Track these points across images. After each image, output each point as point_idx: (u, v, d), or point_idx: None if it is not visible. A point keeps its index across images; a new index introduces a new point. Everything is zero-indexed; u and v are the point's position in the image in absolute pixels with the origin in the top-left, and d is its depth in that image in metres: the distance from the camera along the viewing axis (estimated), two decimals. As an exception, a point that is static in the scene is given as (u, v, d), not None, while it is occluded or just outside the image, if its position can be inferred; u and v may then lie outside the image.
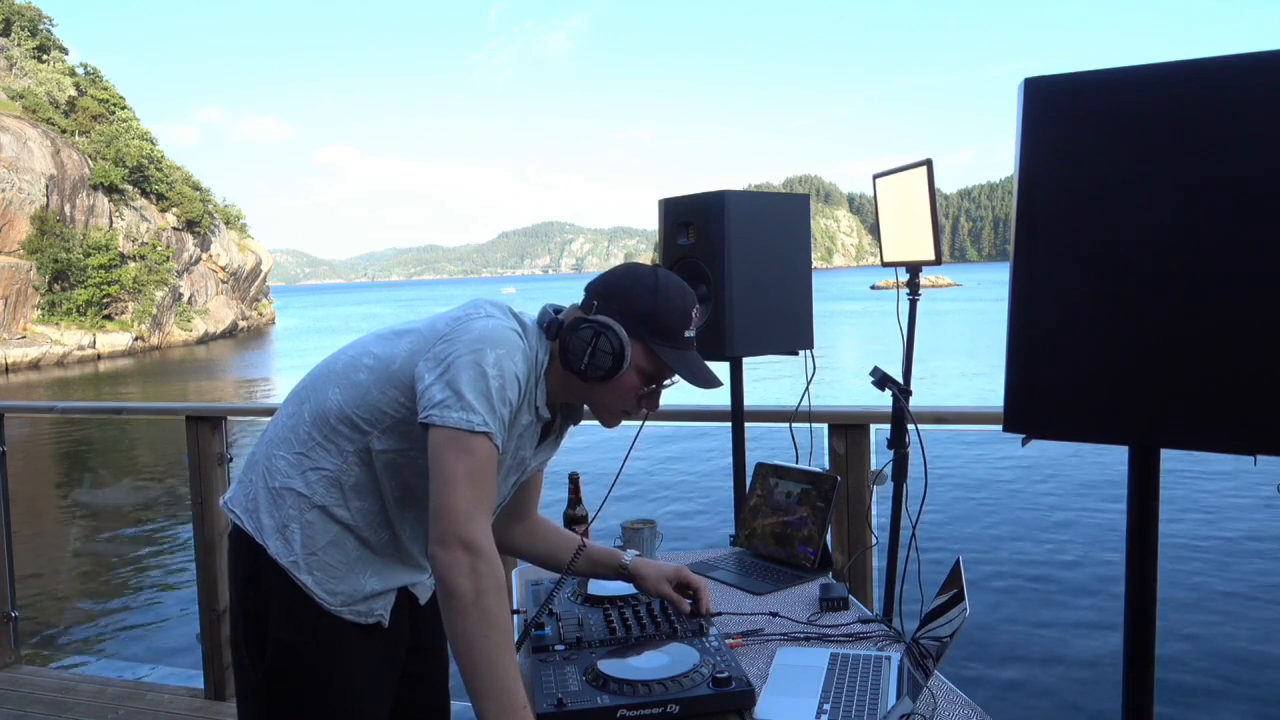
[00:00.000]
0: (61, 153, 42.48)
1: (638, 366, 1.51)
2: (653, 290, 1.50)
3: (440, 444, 1.37)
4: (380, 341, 1.52)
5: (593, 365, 1.47)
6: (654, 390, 1.56)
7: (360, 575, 1.52)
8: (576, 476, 2.26)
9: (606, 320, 1.47)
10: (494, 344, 1.40)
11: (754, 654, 1.72)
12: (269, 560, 1.48)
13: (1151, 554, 1.33)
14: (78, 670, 4.72)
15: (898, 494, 2.40)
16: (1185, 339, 1.19)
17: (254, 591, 1.51)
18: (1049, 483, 8.94)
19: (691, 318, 1.54)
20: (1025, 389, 1.31)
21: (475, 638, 1.34)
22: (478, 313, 1.47)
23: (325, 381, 1.52)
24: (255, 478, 1.53)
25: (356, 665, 1.53)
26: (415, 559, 1.60)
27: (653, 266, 1.57)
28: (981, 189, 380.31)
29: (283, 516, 1.49)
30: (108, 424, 14.30)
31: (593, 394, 1.54)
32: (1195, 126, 1.17)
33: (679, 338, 1.52)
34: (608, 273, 1.56)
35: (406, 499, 1.52)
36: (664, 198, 2.67)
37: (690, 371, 1.53)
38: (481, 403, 1.37)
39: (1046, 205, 1.28)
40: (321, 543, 1.49)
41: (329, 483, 1.49)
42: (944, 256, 2.30)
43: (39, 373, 36.69)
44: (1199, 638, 5.20)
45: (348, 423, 1.48)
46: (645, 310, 1.49)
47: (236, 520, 1.53)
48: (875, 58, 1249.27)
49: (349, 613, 1.51)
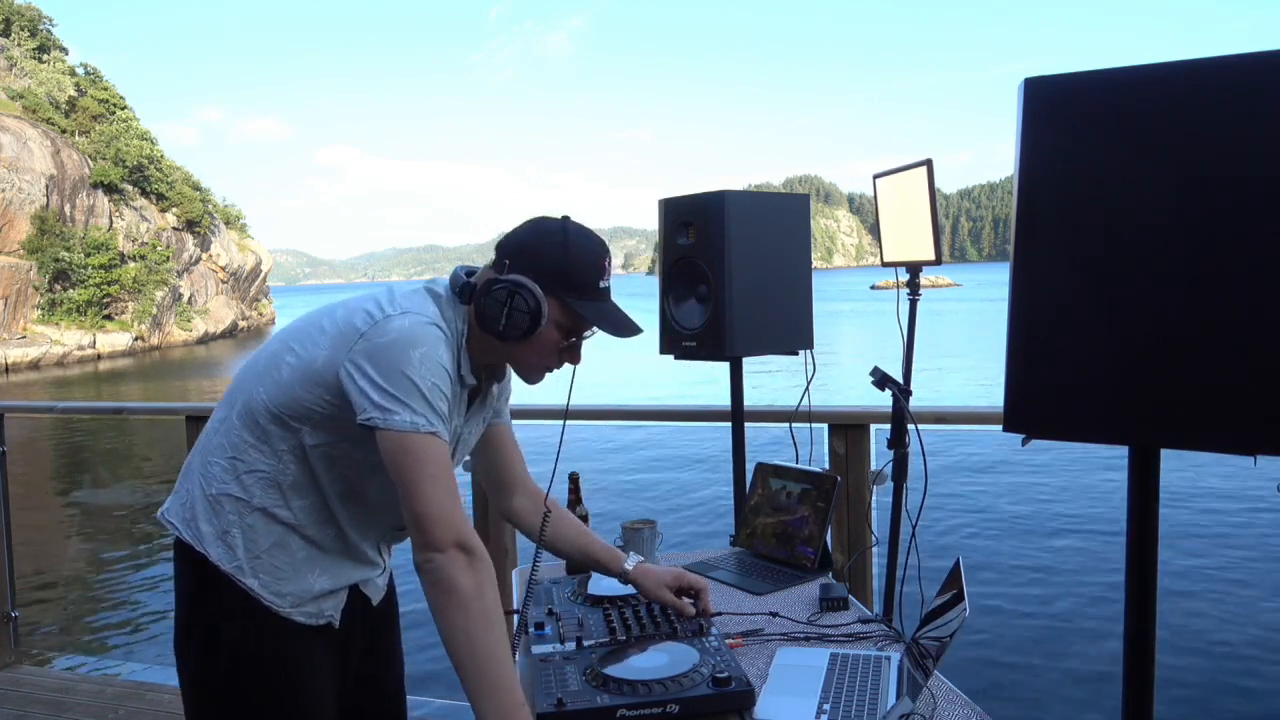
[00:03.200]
0: (61, 153, 42.48)
1: (555, 322, 1.49)
2: (562, 245, 1.48)
3: (393, 451, 1.37)
4: (299, 337, 1.49)
5: (510, 326, 1.45)
6: (574, 343, 1.55)
7: (308, 575, 1.51)
8: (576, 476, 2.26)
9: (519, 279, 1.45)
10: (416, 342, 1.38)
11: (754, 654, 1.72)
12: (212, 568, 1.47)
13: (1152, 554, 1.33)
14: (78, 670, 4.71)
15: (898, 494, 2.40)
16: (1185, 339, 1.19)
17: (201, 601, 1.50)
18: (1049, 483, 8.94)
19: (604, 268, 1.52)
20: (1025, 389, 1.31)
21: (476, 634, 1.34)
22: (394, 309, 1.44)
23: (250, 381, 1.50)
24: (191, 486, 1.51)
25: (309, 668, 1.52)
26: (364, 554, 1.59)
27: (561, 219, 1.53)
28: (981, 189, 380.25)
29: (222, 523, 1.47)
30: (107, 424, 14.29)
31: (513, 353, 1.53)
32: (1195, 126, 1.17)
33: (594, 289, 1.50)
34: (516, 229, 1.53)
35: (347, 492, 1.51)
36: (664, 198, 2.67)
37: (608, 322, 1.51)
38: (420, 403, 1.37)
39: (1046, 205, 1.28)
40: (265, 545, 1.47)
41: (266, 484, 1.47)
42: (944, 256, 2.31)
43: (39, 373, 36.69)
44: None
45: (277, 421, 1.46)
46: (557, 265, 1.47)
47: (175, 531, 1.51)
48: (875, 58, 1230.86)
49: (299, 614, 1.50)
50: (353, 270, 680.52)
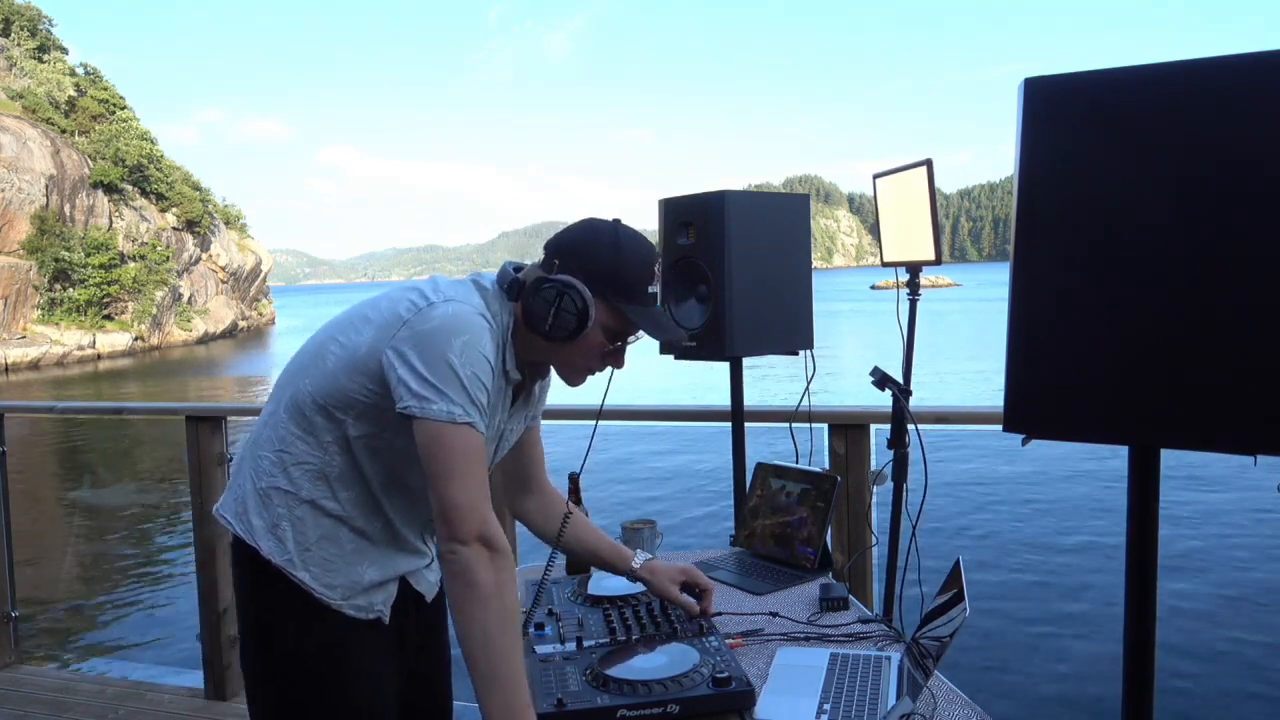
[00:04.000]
0: (61, 153, 42.48)
1: (602, 324, 1.48)
2: (614, 246, 1.47)
3: (427, 440, 1.36)
4: (344, 328, 1.49)
5: (556, 326, 1.44)
6: (619, 347, 1.54)
7: (358, 566, 1.51)
8: (576, 476, 2.26)
9: (569, 279, 1.44)
10: (459, 330, 1.38)
11: (754, 654, 1.72)
12: (264, 562, 1.47)
13: (1152, 555, 1.33)
14: (78, 670, 4.72)
15: (898, 494, 2.40)
16: (1185, 339, 1.18)
17: (255, 595, 1.51)
18: (1049, 482, 8.94)
19: (654, 273, 1.51)
20: (1025, 389, 1.31)
21: (493, 629, 1.34)
22: (438, 296, 1.43)
23: (296, 374, 1.51)
24: (243, 480, 1.53)
25: (363, 664, 1.52)
26: (410, 543, 1.59)
27: (613, 221, 1.53)
28: (981, 189, 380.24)
29: (272, 516, 1.48)
30: (108, 424, 14.30)
31: (557, 353, 1.52)
32: (1195, 126, 1.17)
33: (642, 294, 1.49)
34: (567, 229, 1.52)
35: (390, 482, 1.51)
36: (664, 198, 2.67)
37: (656, 327, 1.51)
38: (459, 393, 1.36)
39: (1046, 205, 1.28)
40: (314, 537, 1.48)
41: (314, 476, 1.48)
42: (944, 256, 2.30)
43: (39, 372, 36.68)
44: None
45: (322, 412, 1.46)
46: (607, 267, 1.46)
47: (229, 525, 1.53)
48: (876, 58, 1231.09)
49: (349, 608, 1.50)
50: (353, 270, 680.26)
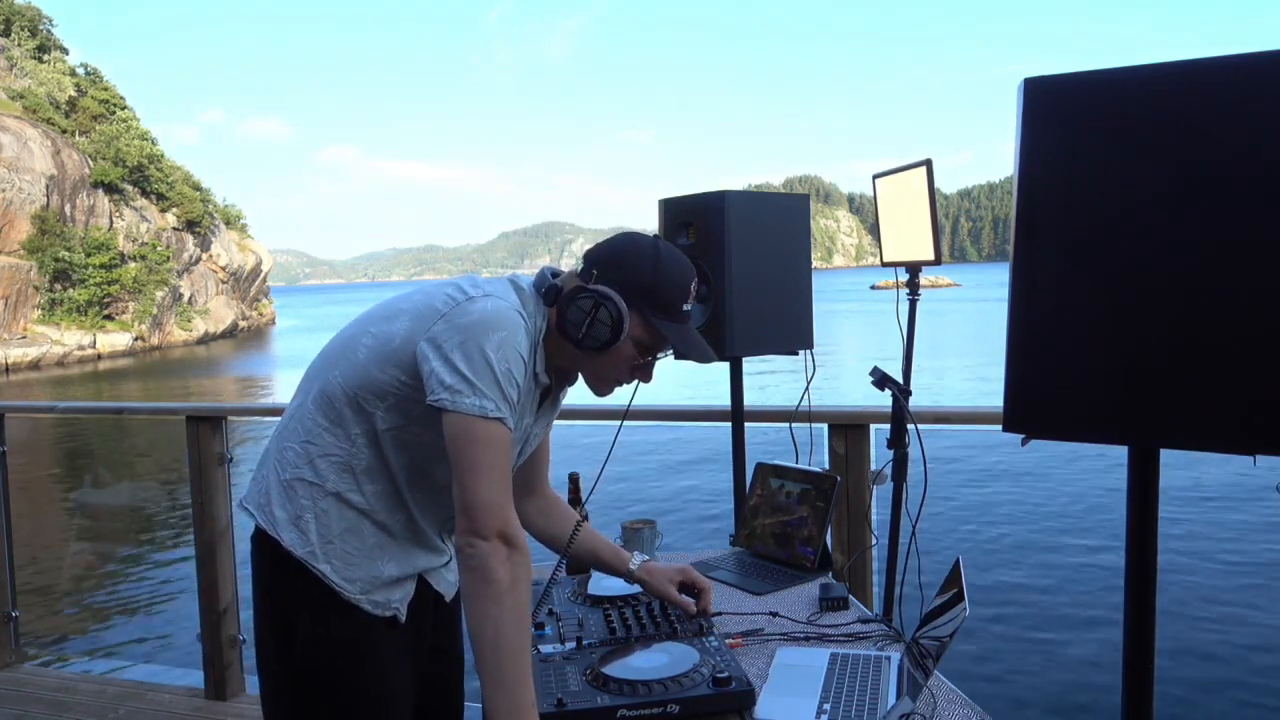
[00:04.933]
0: (62, 153, 42.47)
1: (635, 338, 1.49)
2: (654, 261, 1.48)
3: (458, 433, 1.37)
4: (377, 320, 1.50)
5: (590, 335, 1.45)
6: (649, 361, 1.55)
7: (378, 561, 1.50)
8: (576, 477, 2.26)
9: (606, 291, 1.45)
10: (497, 326, 1.38)
11: (754, 654, 1.72)
12: (285, 554, 1.47)
13: (1151, 555, 1.33)
14: (78, 670, 4.71)
15: (898, 494, 2.40)
16: (1185, 339, 1.19)
17: (275, 587, 1.51)
18: (1049, 482, 8.93)
19: (690, 290, 1.52)
20: (1025, 389, 1.31)
21: (505, 626, 1.34)
22: (477, 291, 1.44)
23: (326, 366, 1.51)
24: (267, 472, 1.52)
25: (380, 660, 1.52)
26: (431, 540, 1.59)
27: (654, 237, 1.54)
28: (981, 189, 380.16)
29: (296, 508, 1.47)
30: (108, 424, 14.30)
31: (587, 363, 1.53)
32: (1195, 126, 1.17)
33: (678, 311, 1.51)
34: (608, 240, 1.53)
35: (415, 477, 1.51)
36: (664, 198, 2.67)
37: (688, 345, 1.52)
38: (492, 388, 1.37)
39: (1046, 205, 1.28)
40: (337, 530, 1.47)
41: (340, 468, 1.47)
42: (944, 256, 2.31)
43: (39, 372, 36.68)
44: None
45: (351, 404, 1.46)
46: (646, 282, 1.47)
47: (251, 516, 1.52)
48: (876, 57, 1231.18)
49: (367, 602, 1.49)
50: (353, 270, 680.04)
